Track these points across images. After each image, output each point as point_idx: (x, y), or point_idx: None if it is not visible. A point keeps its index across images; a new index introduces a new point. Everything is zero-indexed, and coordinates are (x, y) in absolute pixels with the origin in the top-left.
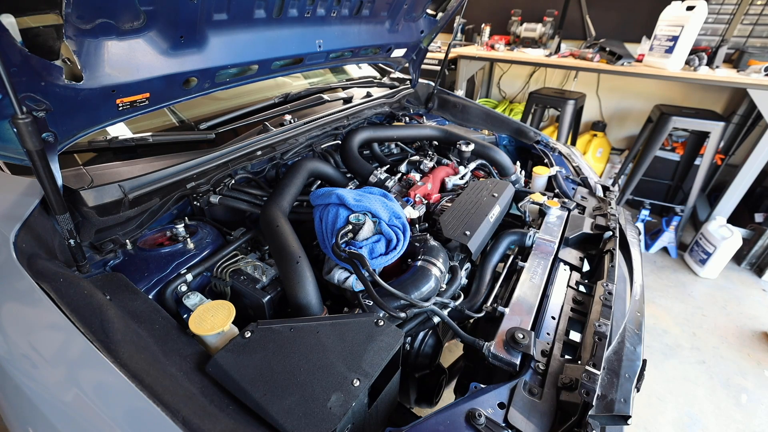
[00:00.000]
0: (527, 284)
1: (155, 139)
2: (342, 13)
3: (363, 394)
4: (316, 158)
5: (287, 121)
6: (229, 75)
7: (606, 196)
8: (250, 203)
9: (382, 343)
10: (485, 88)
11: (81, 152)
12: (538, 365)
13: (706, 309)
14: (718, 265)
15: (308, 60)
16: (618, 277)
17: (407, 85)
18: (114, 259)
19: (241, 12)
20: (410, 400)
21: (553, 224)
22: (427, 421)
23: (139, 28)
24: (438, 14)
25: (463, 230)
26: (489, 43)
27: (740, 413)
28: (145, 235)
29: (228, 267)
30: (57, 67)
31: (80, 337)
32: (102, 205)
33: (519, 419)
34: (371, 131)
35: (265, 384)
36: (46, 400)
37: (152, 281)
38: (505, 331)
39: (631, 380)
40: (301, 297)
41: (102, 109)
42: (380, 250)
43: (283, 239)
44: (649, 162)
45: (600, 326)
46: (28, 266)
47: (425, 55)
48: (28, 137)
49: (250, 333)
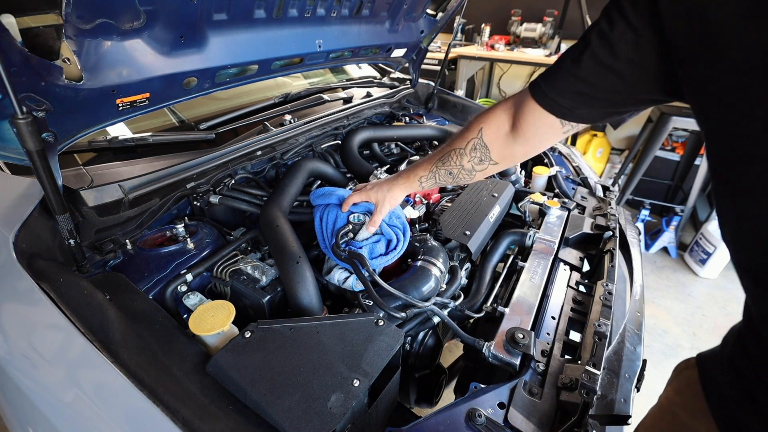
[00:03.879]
0: (527, 284)
1: (155, 139)
2: (342, 13)
3: (363, 394)
4: (316, 158)
5: (287, 121)
6: (229, 75)
7: (606, 196)
8: (250, 203)
9: (382, 343)
10: (485, 88)
11: (81, 152)
12: (538, 365)
13: (706, 309)
14: (718, 265)
15: (308, 60)
16: (618, 277)
17: (407, 85)
18: (114, 259)
19: (241, 12)
20: (410, 400)
21: (553, 224)
22: (427, 421)
23: (139, 28)
24: (438, 14)
25: (463, 230)
26: (489, 43)
27: None
28: (145, 235)
29: (228, 267)
30: (57, 67)
31: (80, 337)
32: (102, 205)
33: (519, 419)
34: (371, 131)
35: (265, 384)
36: (46, 400)
37: (152, 281)
38: (505, 331)
39: (631, 380)
40: (301, 297)
41: (102, 109)
42: (380, 251)
43: (283, 239)
44: (649, 162)
45: (600, 326)
46: (28, 266)
47: (425, 55)
48: (28, 137)
49: (250, 333)
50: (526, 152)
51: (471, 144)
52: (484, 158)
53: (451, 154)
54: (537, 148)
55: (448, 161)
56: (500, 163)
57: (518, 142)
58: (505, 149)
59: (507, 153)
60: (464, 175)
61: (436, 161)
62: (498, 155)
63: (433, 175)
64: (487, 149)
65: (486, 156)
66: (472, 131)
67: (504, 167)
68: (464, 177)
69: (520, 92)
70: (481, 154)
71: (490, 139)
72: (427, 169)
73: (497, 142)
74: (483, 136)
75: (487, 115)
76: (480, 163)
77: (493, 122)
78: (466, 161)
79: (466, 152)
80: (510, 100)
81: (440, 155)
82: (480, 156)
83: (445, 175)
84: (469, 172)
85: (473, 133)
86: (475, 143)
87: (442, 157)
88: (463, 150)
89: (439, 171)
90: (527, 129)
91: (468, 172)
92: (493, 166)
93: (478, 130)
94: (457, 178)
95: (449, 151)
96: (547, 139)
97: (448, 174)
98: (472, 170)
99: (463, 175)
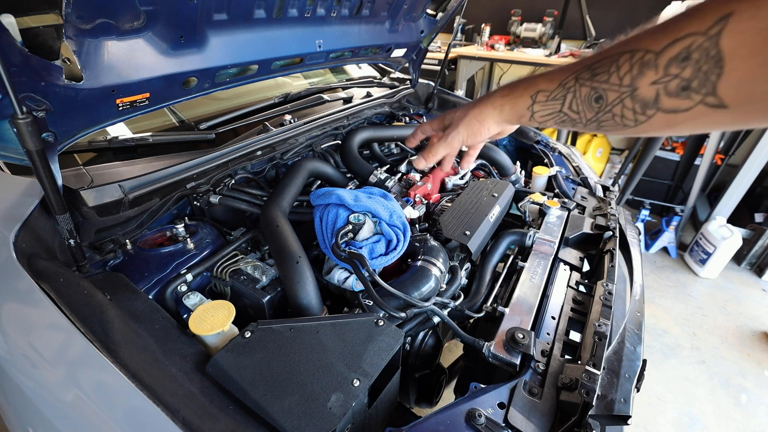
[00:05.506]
0: (527, 284)
1: (155, 139)
2: (342, 13)
3: (363, 394)
4: (316, 158)
5: (287, 121)
6: (229, 75)
7: (606, 196)
8: (250, 203)
9: (382, 343)
10: (485, 88)
11: (81, 152)
12: (538, 365)
13: (706, 309)
14: (718, 265)
15: (308, 60)
16: (618, 277)
17: (407, 85)
18: (114, 259)
19: (241, 12)
20: (410, 400)
21: (553, 224)
22: (427, 421)
23: (139, 28)
24: (438, 14)
25: (463, 230)
26: (489, 43)
27: (740, 413)
28: (145, 235)
29: (228, 267)
30: (57, 67)
31: (80, 337)
32: (102, 205)
33: (519, 419)
34: (371, 131)
35: (265, 384)
36: (46, 400)
37: (152, 281)
38: (505, 331)
39: (631, 380)
40: (301, 297)
41: (102, 109)
42: (380, 251)
43: (283, 239)
44: (649, 162)
45: (600, 326)
46: (28, 266)
47: (425, 55)
48: (28, 137)
49: (250, 333)
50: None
51: (682, 46)
52: (699, 85)
53: (618, 60)
54: None
55: (604, 73)
56: (732, 109)
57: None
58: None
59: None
60: (627, 112)
61: (579, 69)
62: (741, 87)
63: (564, 96)
64: (718, 65)
65: (707, 81)
66: (697, 19)
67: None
68: (623, 118)
69: None
70: (697, 74)
71: (740, 43)
72: (556, 81)
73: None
74: (724, 34)
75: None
76: (681, 93)
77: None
78: (648, 81)
79: (660, 62)
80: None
81: (594, 59)
82: (690, 77)
83: (587, 100)
84: (643, 109)
85: (697, 22)
86: (693, 45)
87: (595, 63)
88: (655, 56)
89: (580, 89)
90: None
91: (639, 108)
92: (708, 111)
93: (716, 18)
94: (606, 114)
95: (615, 54)
96: None
97: (592, 100)
98: (650, 105)
99: (623, 112)
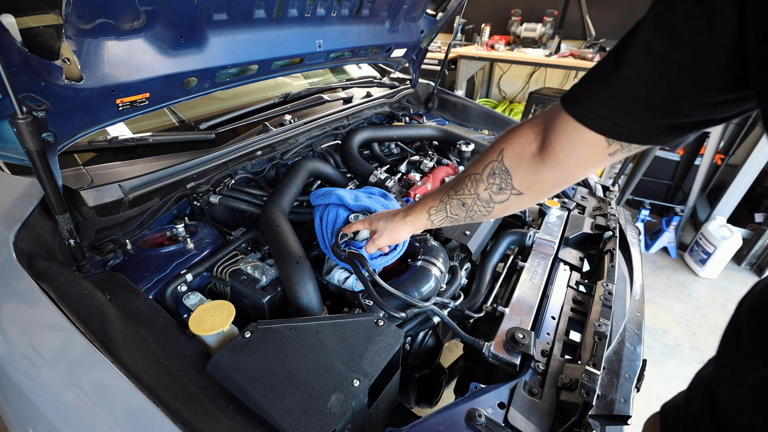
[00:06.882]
0: (527, 284)
1: (155, 139)
2: (342, 13)
3: (363, 394)
4: (316, 158)
5: (287, 121)
6: (229, 75)
7: (606, 196)
8: (250, 203)
9: (382, 343)
10: (485, 88)
11: (81, 152)
12: (538, 365)
13: (706, 309)
14: (718, 265)
15: (308, 60)
16: (618, 277)
17: (407, 85)
18: (114, 259)
19: (241, 12)
20: (410, 400)
21: (553, 224)
22: (427, 421)
23: (139, 28)
24: (438, 14)
25: (463, 230)
26: (489, 43)
27: None
28: (145, 235)
29: (228, 267)
30: (57, 67)
31: (80, 337)
32: (102, 205)
33: (519, 419)
34: (371, 131)
35: (265, 384)
36: (46, 400)
37: (152, 281)
38: (505, 331)
39: (631, 380)
40: (301, 297)
41: (102, 109)
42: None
43: (283, 239)
44: (649, 162)
45: (600, 326)
46: (28, 266)
47: (425, 55)
48: (28, 137)
49: (250, 333)
50: (557, 179)
51: (489, 168)
52: (505, 186)
53: (465, 181)
54: (573, 173)
55: (461, 189)
56: (525, 194)
57: (548, 166)
58: (532, 175)
59: (533, 180)
60: (480, 207)
61: (448, 190)
62: (522, 183)
63: (444, 207)
64: (508, 175)
65: (507, 183)
66: (492, 153)
67: (531, 200)
68: (480, 210)
69: (552, 106)
70: (501, 181)
71: (513, 162)
72: (438, 199)
73: (521, 166)
74: (504, 159)
75: (511, 134)
76: (499, 192)
77: (517, 142)
78: (482, 189)
79: (483, 178)
80: (539, 116)
81: (454, 183)
82: (500, 183)
83: (457, 206)
84: (486, 204)
85: (492, 155)
86: (494, 167)
87: (455, 185)
88: (480, 176)
89: (451, 201)
90: (559, 149)
91: (484, 204)
92: (516, 198)
93: (498, 151)
94: (471, 211)
95: (464, 178)
96: (587, 162)
97: (460, 205)
98: (489, 201)
99: (478, 208)
